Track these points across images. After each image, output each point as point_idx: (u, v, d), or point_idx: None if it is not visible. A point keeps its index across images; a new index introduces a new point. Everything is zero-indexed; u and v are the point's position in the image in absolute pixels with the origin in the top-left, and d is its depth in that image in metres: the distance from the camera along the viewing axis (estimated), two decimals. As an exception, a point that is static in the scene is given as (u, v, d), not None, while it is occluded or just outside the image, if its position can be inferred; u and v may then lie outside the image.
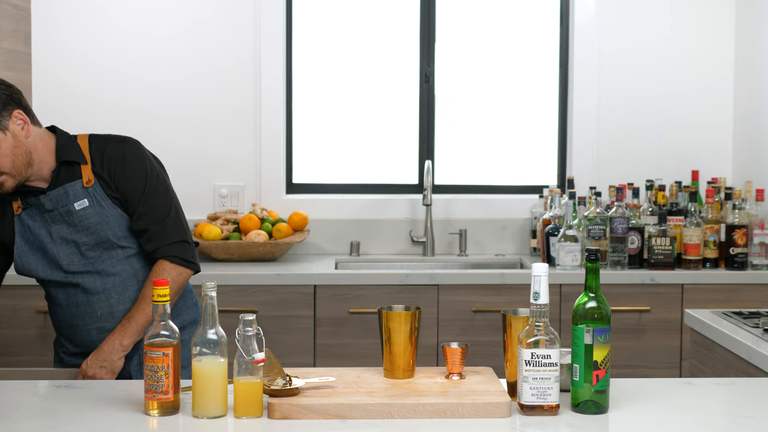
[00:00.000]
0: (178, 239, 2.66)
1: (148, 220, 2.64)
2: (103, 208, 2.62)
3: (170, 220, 2.67)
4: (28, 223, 2.64)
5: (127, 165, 2.64)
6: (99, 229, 2.62)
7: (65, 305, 2.69)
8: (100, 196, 2.62)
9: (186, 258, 2.66)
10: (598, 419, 2.05)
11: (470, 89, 4.67)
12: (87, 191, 2.61)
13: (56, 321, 2.75)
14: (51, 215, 2.62)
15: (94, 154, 2.64)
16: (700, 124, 4.57)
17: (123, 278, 2.66)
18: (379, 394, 2.10)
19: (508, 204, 4.56)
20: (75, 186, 2.61)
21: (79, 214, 2.61)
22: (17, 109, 2.55)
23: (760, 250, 4.02)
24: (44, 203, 2.61)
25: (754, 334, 2.79)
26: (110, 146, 2.66)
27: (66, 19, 4.40)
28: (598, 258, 2.07)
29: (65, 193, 2.61)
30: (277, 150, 4.49)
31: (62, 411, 2.11)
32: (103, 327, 2.68)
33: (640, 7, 4.53)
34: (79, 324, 2.70)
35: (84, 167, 2.62)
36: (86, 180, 2.61)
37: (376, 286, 3.93)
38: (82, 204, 2.61)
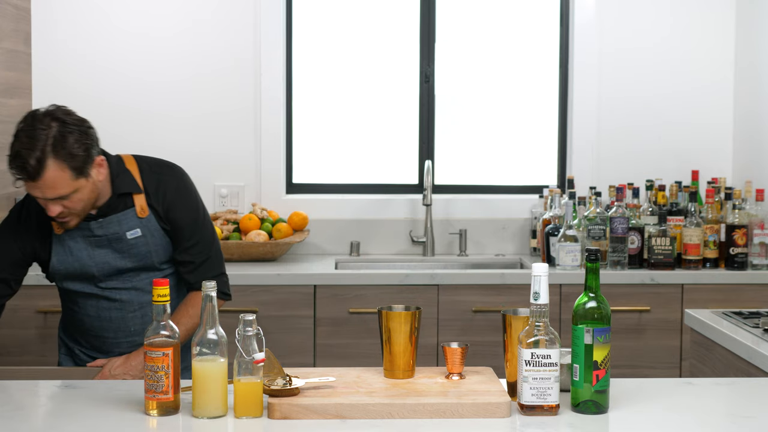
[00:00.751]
0: (218, 273, 2.72)
1: (194, 254, 2.68)
2: (154, 238, 2.65)
3: (213, 253, 2.72)
4: (69, 244, 2.63)
5: (180, 198, 2.67)
6: (146, 257, 2.65)
7: (95, 317, 2.69)
8: (153, 227, 2.64)
9: (223, 290, 2.73)
10: (598, 419, 2.05)
11: (470, 89, 4.67)
12: (141, 221, 2.63)
13: (80, 327, 2.74)
14: (97, 240, 2.62)
15: (147, 184, 2.64)
16: (700, 124, 4.57)
17: None
18: (379, 394, 2.10)
19: (508, 204, 4.56)
20: (128, 215, 2.62)
21: (129, 242, 2.62)
22: (100, 154, 2.54)
23: (760, 250, 4.02)
24: (93, 229, 2.61)
25: (754, 334, 2.79)
26: (164, 177, 2.67)
27: (66, 19, 4.40)
28: (598, 258, 2.07)
29: (118, 222, 2.61)
30: (277, 150, 4.49)
31: (62, 411, 2.11)
32: (134, 341, 2.70)
33: (640, 7, 4.53)
34: (110, 336, 2.71)
35: (137, 196, 2.63)
36: (140, 209, 2.62)
37: (376, 286, 3.93)
38: (134, 233, 2.62)
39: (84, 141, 2.47)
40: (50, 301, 3.83)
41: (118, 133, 4.31)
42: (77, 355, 2.78)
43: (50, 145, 2.42)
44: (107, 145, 2.79)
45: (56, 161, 2.42)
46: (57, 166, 2.42)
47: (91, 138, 2.51)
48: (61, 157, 2.43)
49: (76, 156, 2.45)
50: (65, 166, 2.44)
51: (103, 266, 2.64)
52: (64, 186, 2.45)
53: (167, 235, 2.67)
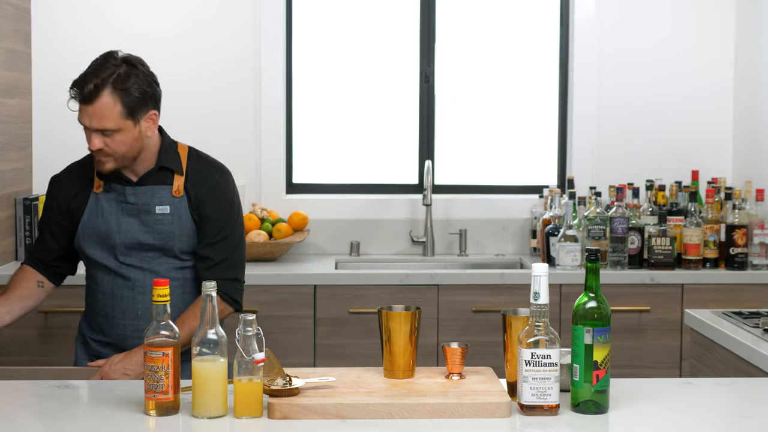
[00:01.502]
0: (233, 277, 2.73)
1: (215, 251, 2.70)
2: (181, 221, 2.68)
3: (235, 257, 2.74)
4: (103, 204, 2.70)
5: (216, 193, 2.73)
6: (169, 238, 2.68)
7: (109, 294, 2.72)
8: (183, 210, 2.68)
9: (235, 298, 2.74)
10: (598, 419, 2.05)
11: (470, 89, 4.67)
12: (173, 200, 2.68)
13: (94, 307, 2.78)
14: (128, 207, 2.68)
15: (190, 169, 2.73)
16: (700, 124, 4.57)
17: (174, 285, 2.68)
18: (379, 394, 2.10)
19: (508, 204, 4.56)
20: (163, 190, 2.68)
21: (156, 216, 2.67)
22: (154, 109, 2.66)
23: (760, 250, 4.02)
24: (128, 195, 2.68)
25: (754, 334, 2.79)
26: (208, 169, 2.75)
27: (66, 19, 4.40)
28: (598, 258, 2.07)
29: (152, 193, 2.68)
30: (277, 150, 4.49)
31: (62, 411, 2.11)
32: (137, 326, 2.71)
33: (640, 7, 4.53)
34: (118, 317, 2.73)
35: (177, 176, 2.70)
36: (176, 189, 2.69)
37: (376, 286, 3.93)
38: (163, 209, 2.67)
39: (144, 88, 2.61)
40: (51, 301, 3.81)
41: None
42: (89, 344, 2.80)
43: (113, 78, 2.56)
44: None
45: (112, 93, 2.55)
46: (111, 98, 2.55)
47: (153, 89, 2.66)
48: (118, 91, 2.55)
49: (131, 95, 2.57)
50: (118, 101, 2.56)
51: (126, 235, 2.68)
52: (111, 120, 2.55)
53: (195, 226, 2.70)
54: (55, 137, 4.28)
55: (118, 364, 2.60)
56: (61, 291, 2.95)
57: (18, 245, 4.12)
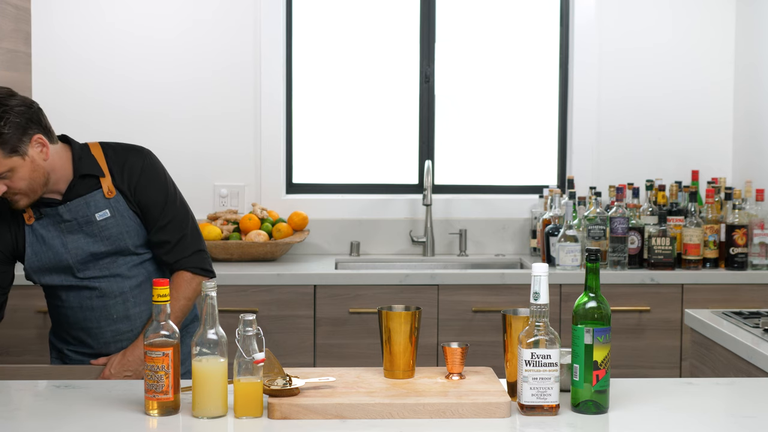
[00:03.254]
0: (196, 249, 2.71)
1: (168, 233, 2.67)
2: (124, 219, 2.64)
3: (189, 231, 2.71)
4: (41, 233, 2.64)
5: (147, 178, 2.66)
6: (119, 240, 2.64)
7: (77, 308, 2.69)
8: (122, 207, 2.64)
9: (205, 267, 2.72)
10: (598, 419, 2.05)
11: (470, 89, 4.67)
12: (109, 202, 2.63)
13: (65, 322, 2.74)
14: (68, 225, 2.63)
15: (112, 166, 2.65)
16: (700, 124, 4.57)
17: (139, 281, 2.69)
18: (379, 394, 2.10)
19: (508, 204, 4.56)
20: (95, 197, 2.62)
21: (100, 224, 2.62)
22: (37, 133, 2.54)
23: (760, 250, 4.02)
24: (62, 213, 2.62)
25: (754, 334, 2.79)
26: (129, 159, 2.67)
27: (66, 19, 4.40)
28: (598, 258, 2.07)
29: (86, 204, 2.62)
30: (277, 150, 4.49)
31: (62, 411, 2.11)
32: (118, 329, 2.70)
33: (641, 8, 4.53)
34: (93, 327, 2.71)
35: (102, 179, 2.63)
36: (106, 190, 2.63)
37: (376, 286, 3.93)
38: (103, 215, 2.62)
39: (15, 120, 2.48)
40: (50, 301, 3.83)
41: (118, 134, 4.30)
42: (67, 355, 2.77)
43: None
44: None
45: None
46: None
47: (27, 115, 2.51)
48: None
49: (3, 134, 2.45)
50: None
51: (77, 252, 2.63)
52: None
53: (138, 218, 2.67)
54: (55, 137, 4.28)
55: (117, 366, 2.61)
56: (61, 291, 2.95)
57: (18, 245, 4.11)
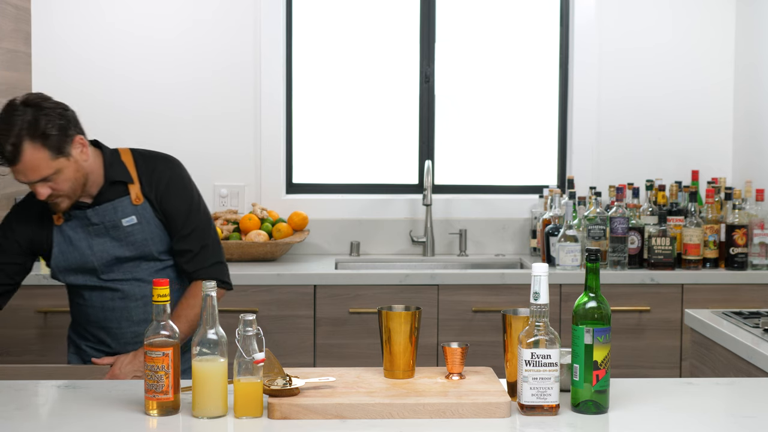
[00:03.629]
0: (215, 261, 2.75)
1: (190, 242, 2.71)
2: (150, 225, 2.69)
3: (210, 242, 2.75)
4: (69, 234, 2.69)
5: (173, 187, 2.71)
6: (143, 245, 2.69)
7: (99, 308, 2.74)
8: (148, 215, 2.69)
9: (223, 279, 2.76)
10: (598, 419, 2.05)
11: (470, 89, 4.67)
12: (136, 209, 2.68)
13: (86, 320, 2.78)
14: (95, 228, 2.67)
15: (141, 174, 2.70)
16: (700, 124, 4.57)
17: None
18: (379, 394, 2.10)
19: (508, 204, 4.56)
20: (123, 202, 2.67)
21: (126, 229, 2.67)
22: (78, 133, 2.59)
23: (760, 250, 4.02)
24: (90, 217, 2.66)
25: (754, 334, 2.79)
26: (158, 167, 2.72)
27: (66, 19, 4.40)
28: (598, 258, 2.07)
29: (113, 209, 2.67)
30: (277, 150, 4.49)
31: (62, 411, 2.11)
32: (137, 331, 2.74)
33: (641, 8, 4.53)
34: (114, 327, 2.75)
35: (131, 186, 2.68)
36: (134, 197, 2.68)
37: (376, 286, 3.93)
38: (130, 221, 2.67)
39: (57, 121, 2.53)
40: (50, 301, 3.83)
41: (118, 134, 4.30)
42: (84, 351, 2.81)
43: (25, 129, 2.48)
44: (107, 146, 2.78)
45: (32, 143, 2.49)
46: (33, 148, 2.49)
47: (66, 118, 2.56)
48: (37, 138, 2.49)
49: (50, 136, 2.50)
50: (41, 147, 2.50)
51: (102, 255, 2.68)
52: (45, 166, 2.52)
53: (163, 225, 2.71)
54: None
55: (128, 366, 2.63)
56: (61, 291, 2.95)
57: (18, 245, 4.12)
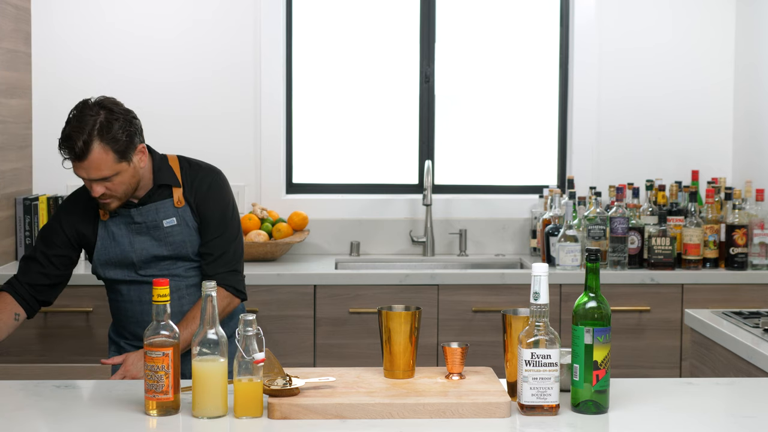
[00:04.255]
0: (232, 268, 2.83)
1: (214, 247, 2.81)
2: (188, 228, 2.79)
3: (232, 250, 2.84)
4: (113, 230, 2.80)
5: (212, 193, 2.83)
6: (181, 246, 2.79)
7: (137, 301, 2.83)
8: (188, 218, 2.80)
9: (239, 288, 2.84)
10: (598, 419, 2.05)
11: (470, 89, 4.67)
12: (177, 211, 2.79)
13: (123, 317, 2.87)
14: (137, 227, 2.78)
15: (185, 179, 2.82)
16: (700, 124, 4.57)
17: (195, 282, 2.83)
18: (379, 394, 2.10)
19: (508, 204, 4.56)
20: (166, 204, 2.78)
21: (166, 230, 2.78)
22: (142, 142, 2.72)
23: (760, 250, 4.02)
24: (134, 216, 2.78)
25: (754, 334, 2.79)
26: (200, 174, 2.85)
27: (66, 19, 4.40)
28: (598, 258, 2.07)
29: (156, 210, 2.78)
30: (277, 150, 4.49)
31: (62, 411, 2.11)
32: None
33: (641, 8, 4.53)
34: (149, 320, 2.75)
35: (176, 189, 2.80)
36: (177, 200, 2.79)
37: (376, 286, 3.93)
38: (170, 222, 2.79)
39: (127, 128, 2.65)
40: (50, 301, 3.83)
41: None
42: (124, 348, 2.88)
43: (97, 130, 2.61)
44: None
45: (101, 144, 2.61)
46: (102, 149, 2.61)
47: (135, 126, 2.69)
48: (106, 140, 2.61)
49: (119, 141, 2.63)
50: (109, 149, 2.62)
51: (141, 253, 2.79)
52: (107, 168, 2.63)
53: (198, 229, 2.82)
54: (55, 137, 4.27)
55: (140, 362, 2.66)
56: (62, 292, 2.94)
57: (18, 245, 4.12)
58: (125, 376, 2.65)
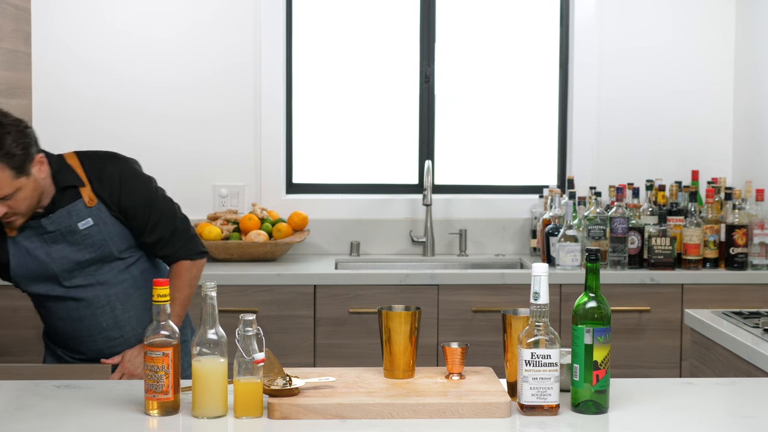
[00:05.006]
0: (188, 236, 2.76)
1: (161, 229, 2.71)
2: (107, 225, 2.66)
3: (179, 222, 2.75)
4: (24, 245, 2.65)
5: (128, 184, 2.68)
6: (103, 246, 2.66)
7: (66, 319, 2.71)
8: (104, 214, 2.66)
9: (200, 250, 2.77)
10: (598, 419, 2.05)
11: (470, 89, 4.67)
12: (90, 210, 2.65)
13: (55, 332, 2.76)
14: (51, 236, 2.64)
15: (90, 175, 2.66)
16: (700, 124, 4.57)
17: (125, 287, 2.71)
18: (379, 394, 2.10)
19: (508, 204, 4.56)
20: (77, 206, 2.64)
21: (83, 233, 2.64)
22: (39, 152, 2.57)
23: (760, 250, 4.02)
24: (45, 225, 2.63)
25: (754, 334, 2.79)
26: (107, 168, 2.68)
27: (66, 19, 4.40)
28: (598, 258, 2.07)
29: (68, 214, 2.64)
30: (277, 150, 4.49)
31: (62, 411, 2.11)
32: (109, 336, 2.73)
33: (641, 8, 4.53)
34: (84, 336, 2.73)
35: (82, 189, 2.65)
36: (88, 200, 2.64)
37: (376, 286, 3.93)
38: (86, 223, 2.64)
39: (21, 140, 2.49)
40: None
41: (117, 134, 4.31)
42: (61, 357, 2.80)
43: None
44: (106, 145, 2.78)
45: None
46: None
47: (29, 137, 2.53)
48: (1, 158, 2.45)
49: (14, 155, 2.47)
50: (5, 166, 2.46)
51: (62, 261, 2.65)
52: (6, 185, 2.48)
53: (121, 224, 2.69)
54: (55, 137, 4.28)
55: (137, 358, 2.64)
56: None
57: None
58: (123, 374, 2.64)
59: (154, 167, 4.35)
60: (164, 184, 4.48)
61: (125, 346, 2.73)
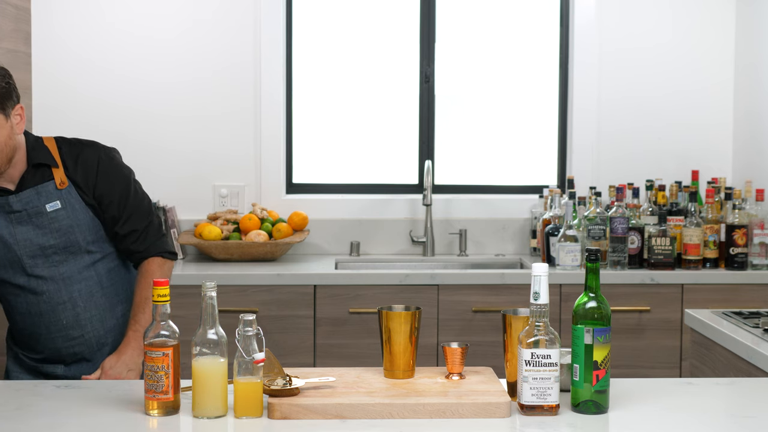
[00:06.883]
0: (161, 234, 2.73)
1: (135, 222, 2.67)
2: (75, 211, 2.60)
3: (154, 217, 2.72)
4: None
5: (105, 171, 2.64)
6: (69, 232, 2.60)
7: (26, 314, 2.65)
8: (74, 199, 2.60)
9: (172, 251, 2.74)
10: (598, 419, 2.05)
11: (470, 89, 4.67)
12: (60, 193, 2.59)
13: (14, 327, 2.72)
14: (18, 216, 2.58)
15: (66, 158, 2.62)
16: (700, 124, 4.57)
17: (89, 285, 2.65)
18: (379, 394, 2.10)
19: (508, 204, 4.56)
20: (47, 187, 2.58)
21: (50, 215, 2.58)
22: (19, 102, 2.55)
23: (760, 250, 4.02)
24: (12, 204, 2.57)
25: (754, 334, 2.79)
26: (84, 152, 2.64)
27: (66, 19, 4.40)
28: (598, 258, 2.07)
29: (36, 194, 2.58)
30: (277, 150, 4.49)
31: (62, 411, 2.11)
32: (69, 335, 2.66)
33: (641, 8, 4.53)
34: (43, 333, 2.66)
35: (55, 170, 2.59)
36: (59, 182, 2.59)
37: (376, 286, 3.93)
38: (54, 206, 2.58)
39: (6, 79, 2.49)
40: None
41: (117, 133, 4.30)
42: (22, 360, 2.74)
43: None
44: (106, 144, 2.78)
45: None
46: None
47: (12, 82, 2.53)
48: None
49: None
50: None
51: (25, 244, 2.58)
52: None
53: (92, 211, 2.63)
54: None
55: (117, 366, 2.56)
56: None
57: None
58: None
59: (155, 167, 4.38)
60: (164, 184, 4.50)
61: (84, 347, 2.67)
